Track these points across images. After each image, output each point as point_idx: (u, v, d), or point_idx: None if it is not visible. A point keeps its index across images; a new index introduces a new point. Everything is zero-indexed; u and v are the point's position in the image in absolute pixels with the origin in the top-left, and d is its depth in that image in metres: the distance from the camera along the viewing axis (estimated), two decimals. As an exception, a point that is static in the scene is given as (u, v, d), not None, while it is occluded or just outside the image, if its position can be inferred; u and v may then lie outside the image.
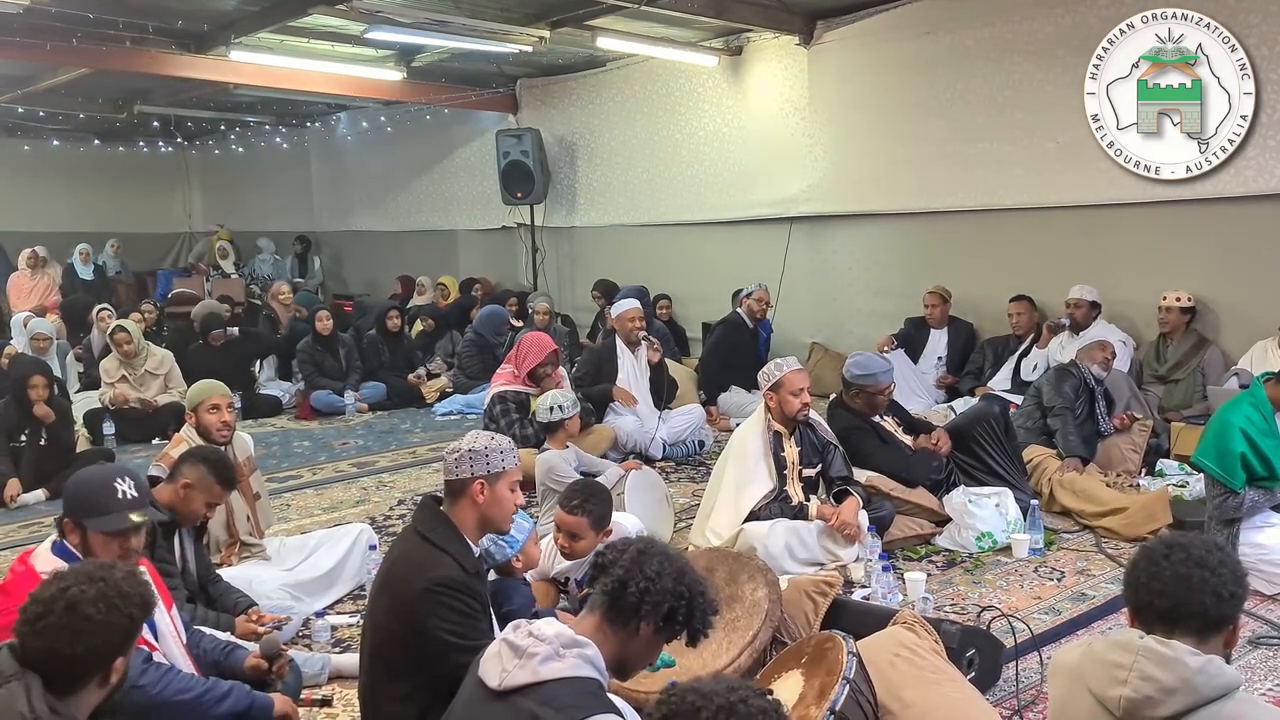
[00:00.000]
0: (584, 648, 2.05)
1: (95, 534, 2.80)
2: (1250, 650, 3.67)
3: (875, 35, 8.23)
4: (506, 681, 2.00)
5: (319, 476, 6.69)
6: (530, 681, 1.99)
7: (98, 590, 2.14)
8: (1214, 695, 1.90)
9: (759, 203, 9.30)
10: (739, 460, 4.68)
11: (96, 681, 2.14)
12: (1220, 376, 6.43)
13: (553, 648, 2.01)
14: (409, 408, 9.05)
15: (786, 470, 4.67)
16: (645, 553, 2.14)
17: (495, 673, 2.04)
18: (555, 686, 1.99)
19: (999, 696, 3.35)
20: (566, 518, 3.69)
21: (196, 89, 11.09)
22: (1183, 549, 2.03)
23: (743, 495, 4.56)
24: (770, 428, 4.69)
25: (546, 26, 8.34)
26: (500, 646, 2.07)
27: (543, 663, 2.00)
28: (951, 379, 7.85)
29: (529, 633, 2.04)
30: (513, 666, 2.02)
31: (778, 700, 1.65)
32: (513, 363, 6.54)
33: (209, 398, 4.52)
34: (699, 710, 1.58)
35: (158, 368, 8.22)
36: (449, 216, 12.69)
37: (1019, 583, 4.44)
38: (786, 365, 4.73)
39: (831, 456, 4.77)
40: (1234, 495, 4.20)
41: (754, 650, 3.04)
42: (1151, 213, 6.90)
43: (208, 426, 4.48)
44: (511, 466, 2.89)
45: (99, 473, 2.96)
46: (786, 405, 4.64)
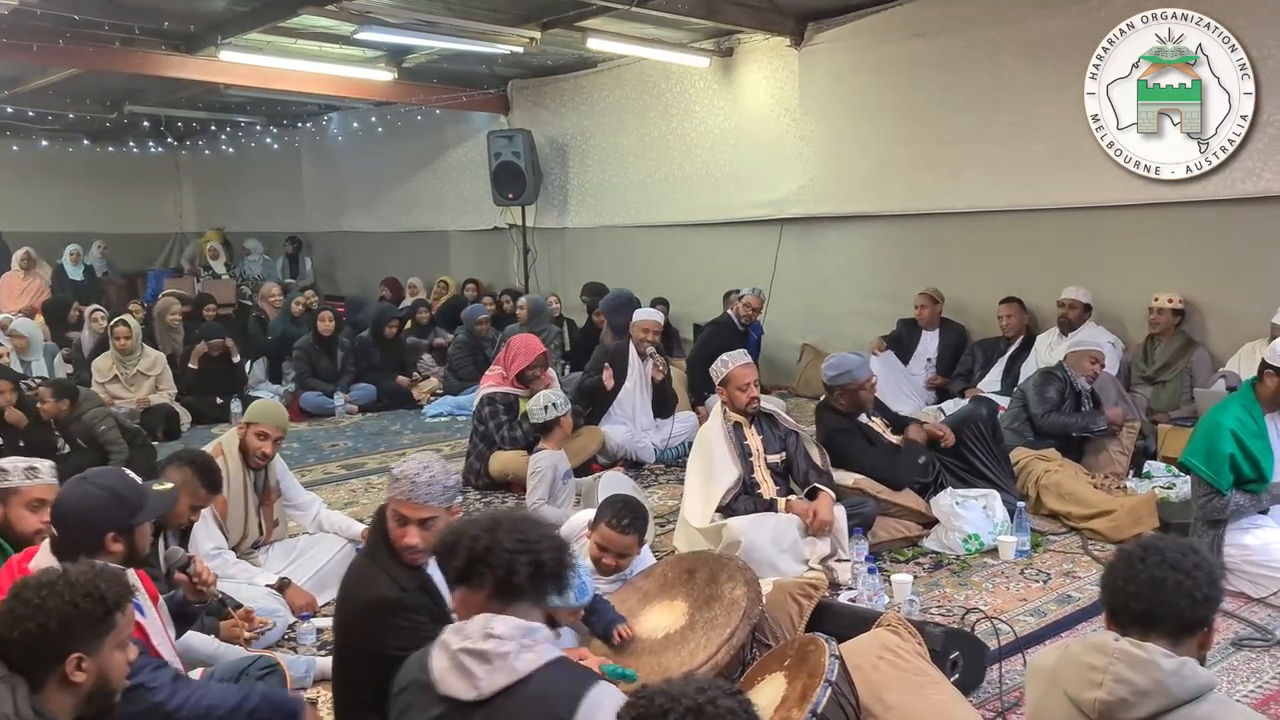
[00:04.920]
0: (539, 631, 2.03)
1: (143, 527, 2.83)
2: (1233, 652, 3.68)
3: (866, 37, 8.24)
4: (486, 689, 1.95)
5: (307, 478, 6.65)
6: (513, 681, 1.95)
7: (46, 578, 2.14)
8: (1188, 697, 1.91)
9: (750, 204, 9.30)
10: (704, 452, 4.75)
11: (57, 679, 2.12)
12: (1208, 378, 6.44)
13: (518, 641, 1.98)
14: (399, 409, 9.04)
15: (752, 458, 4.71)
16: (498, 525, 2.09)
17: (465, 685, 1.97)
18: (541, 675, 1.96)
19: (983, 698, 3.36)
20: (620, 538, 3.53)
21: (187, 89, 11.07)
22: (1158, 552, 2.03)
23: (711, 485, 4.62)
24: (729, 419, 4.76)
25: (537, 27, 8.34)
26: (458, 658, 2.00)
27: (518, 658, 1.97)
28: (941, 380, 7.86)
29: (485, 634, 1.99)
30: (486, 673, 1.96)
31: (747, 700, 1.65)
32: (501, 364, 6.53)
33: (263, 424, 4.49)
34: (667, 712, 1.57)
35: (150, 368, 8.24)
36: (440, 217, 12.69)
37: (1005, 585, 4.45)
38: (733, 361, 4.79)
39: (795, 445, 4.81)
40: (1220, 496, 4.21)
41: (731, 647, 3.05)
42: (1141, 214, 6.90)
43: (249, 447, 4.47)
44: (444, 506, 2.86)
45: (106, 480, 2.89)
46: (735, 399, 4.74)
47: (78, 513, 2.75)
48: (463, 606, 2.10)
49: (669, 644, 3.19)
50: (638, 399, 6.93)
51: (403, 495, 2.83)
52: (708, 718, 1.58)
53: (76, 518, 2.74)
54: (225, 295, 11.90)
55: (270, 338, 10.18)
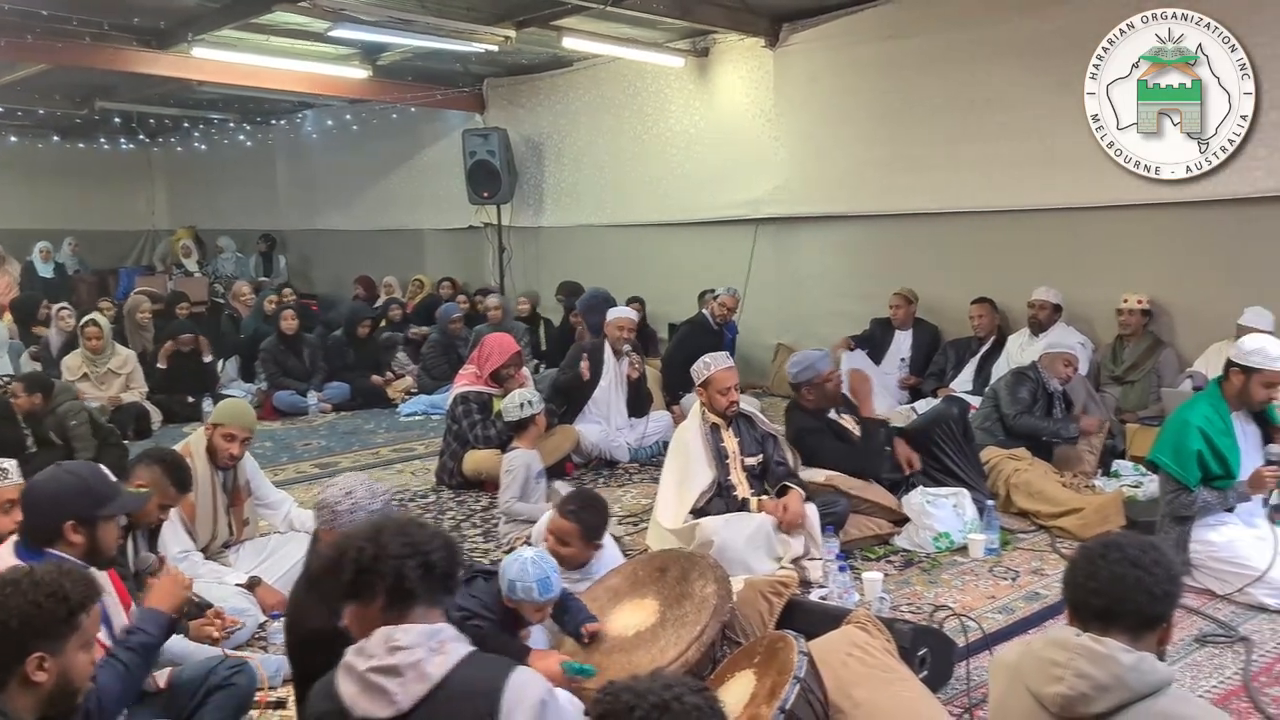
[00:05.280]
0: (444, 632, 1.99)
1: (108, 523, 2.81)
2: (1197, 648, 3.73)
3: (840, 38, 8.28)
4: (404, 702, 1.90)
5: (280, 477, 6.62)
6: (429, 688, 1.90)
7: (10, 576, 2.13)
8: (1146, 691, 1.94)
9: (726, 204, 9.33)
10: (681, 454, 4.76)
11: (18, 679, 2.10)
12: (1175, 378, 6.52)
13: (425, 647, 1.93)
14: (374, 408, 9.00)
15: (729, 460, 4.72)
16: (381, 531, 2.04)
17: (380, 704, 1.91)
18: (456, 676, 1.92)
19: (950, 695, 3.39)
20: (559, 522, 3.63)
21: (159, 86, 10.96)
22: (1119, 549, 2.06)
23: (685, 488, 4.63)
24: (707, 420, 4.77)
25: (512, 26, 8.32)
26: (366, 679, 1.93)
27: (429, 663, 1.92)
28: (914, 380, 7.92)
29: (390, 648, 1.93)
30: (399, 686, 1.90)
31: (713, 696, 1.66)
32: (475, 363, 6.52)
33: (230, 425, 4.45)
34: (633, 709, 1.58)
35: (121, 367, 8.18)
36: (416, 216, 12.65)
37: (974, 582, 4.49)
38: (715, 364, 4.78)
39: (772, 448, 4.84)
40: (1187, 493, 4.27)
41: (701, 645, 3.06)
42: (1112, 216, 6.96)
43: (217, 449, 4.44)
44: None
45: (79, 468, 2.94)
46: (714, 401, 4.75)
47: (43, 496, 2.78)
48: (358, 623, 2.03)
49: (639, 642, 3.21)
50: (613, 398, 6.93)
51: (325, 525, 2.81)
52: (673, 714, 1.58)
53: (41, 501, 2.77)
54: (198, 293, 11.82)
55: (242, 336, 10.12)
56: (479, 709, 1.89)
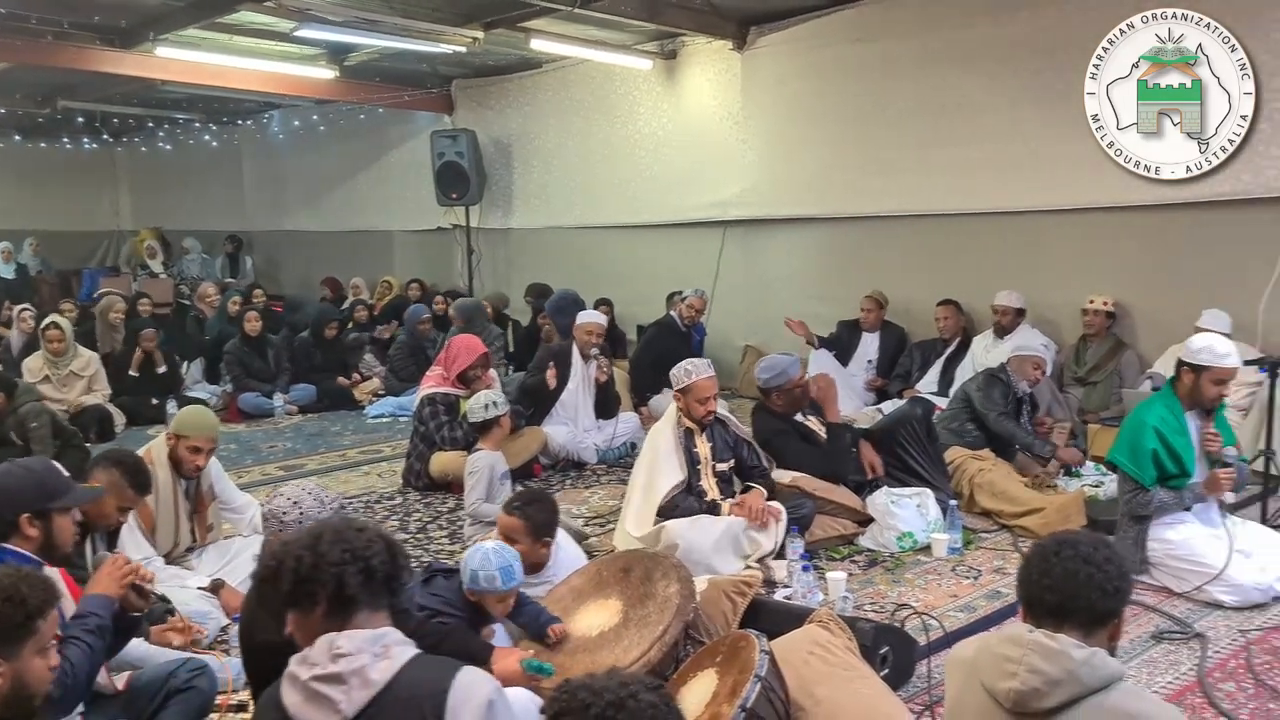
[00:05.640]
0: (388, 636, 1.97)
1: (63, 516, 2.82)
2: (1153, 645, 3.78)
3: (807, 41, 8.32)
4: (349, 710, 1.88)
5: (245, 480, 6.56)
6: (374, 694, 1.89)
7: None
8: (1098, 686, 1.97)
9: (694, 206, 9.36)
10: (651, 458, 4.76)
11: None
12: (1136, 379, 6.62)
13: (369, 652, 1.91)
14: (340, 410, 8.95)
15: (700, 465, 4.74)
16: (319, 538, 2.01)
17: (325, 714, 1.88)
18: (402, 679, 1.91)
19: (912, 692, 3.41)
20: (505, 519, 3.66)
21: (123, 85, 10.85)
22: (1072, 546, 2.10)
23: (651, 491, 4.64)
24: (681, 424, 4.78)
25: (480, 27, 8.31)
26: (310, 688, 1.91)
27: (373, 669, 1.90)
28: (881, 382, 7.97)
29: (333, 656, 1.91)
30: (343, 694, 1.88)
31: (669, 694, 1.67)
32: (442, 365, 6.50)
33: (194, 437, 4.38)
34: (589, 706, 1.58)
35: (84, 369, 8.09)
36: (384, 217, 12.60)
37: (937, 581, 4.53)
38: (697, 372, 4.76)
39: (746, 453, 4.86)
40: (1144, 492, 4.33)
41: (664, 644, 3.07)
42: (1075, 219, 7.04)
43: (182, 460, 4.38)
44: None
45: (30, 463, 2.97)
46: (692, 409, 4.75)
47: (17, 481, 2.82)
48: (301, 632, 2.01)
49: (603, 642, 3.21)
50: (580, 400, 6.93)
51: (275, 535, 2.80)
52: (628, 712, 1.59)
53: None
54: (162, 294, 11.72)
55: (207, 338, 10.03)
56: (425, 712, 1.88)
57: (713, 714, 2.72)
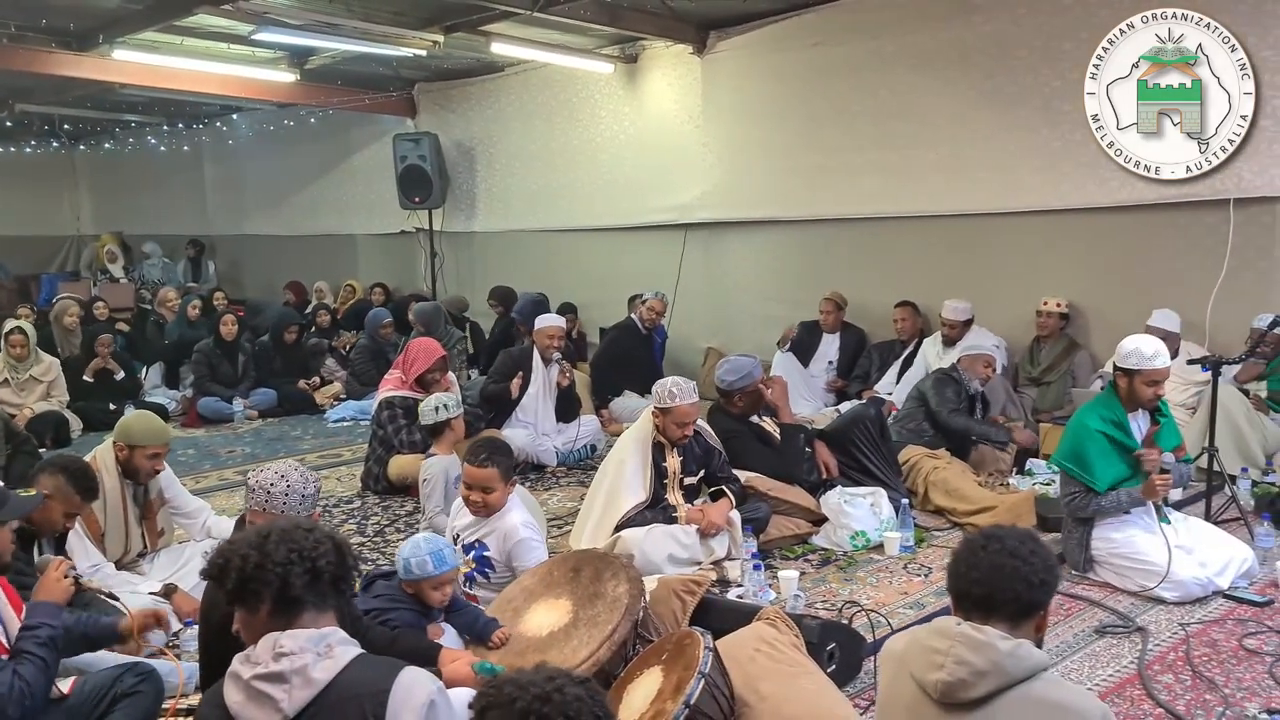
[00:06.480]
0: (332, 635, 1.99)
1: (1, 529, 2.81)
2: (1096, 639, 3.85)
3: (766, 46, 8.39)
4: (290, 709, 1.89)
5: (201, 485, 6.55)
6: (315, 693, 1.90)
7: None
8: (1023, 676, 2.02)
9: (655, 209, 9.39)
10: (617, 472, 4.72)
11: None
12: (1089, 379, 6.72)
13: (312, 652, 1.93)
14: (301, 414, 8.91)
15: (667, 480, 4.74)
16: (266, 538, 2.02)
17: (267, 713, 1.90)
18: (343, 679, 1.93)
19: (859, 688, 3.46)
20: (478, 471, 3.77)
21: (80, 88, 10.74)
22: (998, 540, 2.15)
23: (611, 508, 4.63)
24: (653, 438, 4.74)
25: (440, 31, 8.30)
26: (252, 687, 1.92)
27: (315, 668, 1.91)
28: (841, 383, 8.04)
29: (275, 655, 1.92)
30: (285, 693, 1.89)
31: (596, 686, 1.69)
32: (401, 368, 6.50)
33: (152, 445, 4.34)
34: (515, 700, 1.61)
35: (44, 374, 8.02)
36: (347, 221, 12.55)
37: (889, 579, 4.58)
38: (682, 396, 4.61)
39: (716, 463, 4.88)
40: (1084, 494, 4.38)
41: (613, 644, 3.09)
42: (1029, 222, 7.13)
43: (140, 468, 4.34)
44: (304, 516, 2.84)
45: None
46: (669, 430, 4.67)
47: None
48: (247, 631, 2.02)
49: (552, 641, 3.23)
50: (540, 404, 6.93)
51: (258, 506, 2.81)
52: (554, 705, 1.61)
53: None
54: (123, 299, 11.61)
55: (167, 342, 9.95)
56: (366, 711, 1.90)
57: (657, 710, 2.75)
